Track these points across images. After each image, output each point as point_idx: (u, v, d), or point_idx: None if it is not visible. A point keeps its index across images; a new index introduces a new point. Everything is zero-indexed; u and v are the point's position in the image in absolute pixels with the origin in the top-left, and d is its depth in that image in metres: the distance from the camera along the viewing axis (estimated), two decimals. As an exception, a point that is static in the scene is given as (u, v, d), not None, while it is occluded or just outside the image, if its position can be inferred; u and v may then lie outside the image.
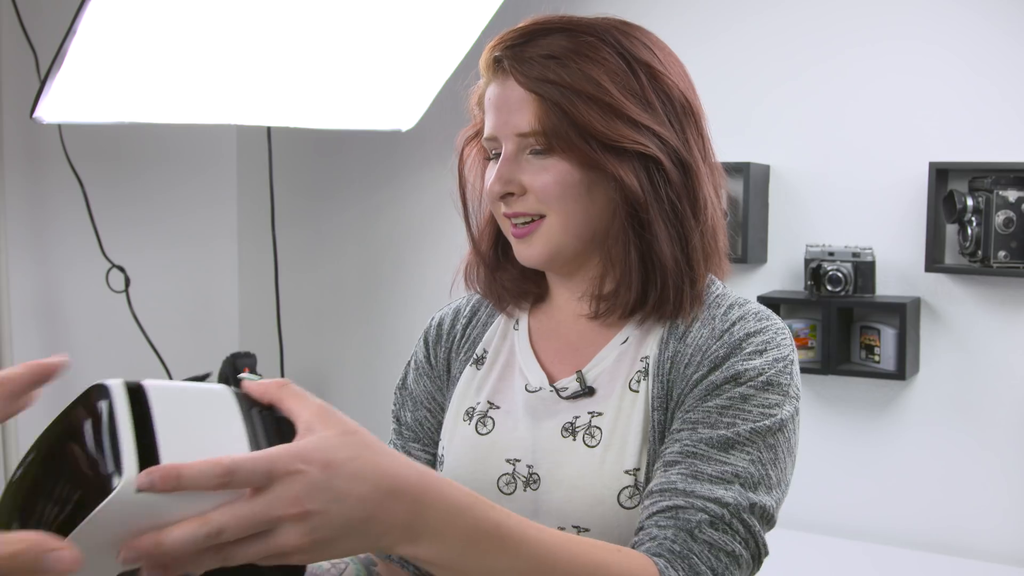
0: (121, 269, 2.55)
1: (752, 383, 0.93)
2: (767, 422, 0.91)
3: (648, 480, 0.95)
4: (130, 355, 2.68)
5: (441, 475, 0.70)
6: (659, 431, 0.96)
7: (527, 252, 1.02)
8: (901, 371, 2.22)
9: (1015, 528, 2.22)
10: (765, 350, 0.95)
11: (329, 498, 0.63)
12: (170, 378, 2.63)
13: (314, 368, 3.08)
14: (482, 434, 1.05)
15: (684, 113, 1.00)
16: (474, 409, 1.08)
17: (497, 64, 1.00)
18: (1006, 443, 2.23)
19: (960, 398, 2.28)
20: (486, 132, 1.02)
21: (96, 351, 2.67)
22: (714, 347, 0.96)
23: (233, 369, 2.56)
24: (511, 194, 1.00)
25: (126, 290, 2.56)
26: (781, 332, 0.98)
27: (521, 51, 0.98)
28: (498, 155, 1.01)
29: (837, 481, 2.39)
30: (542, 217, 1.00)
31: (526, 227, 1.00)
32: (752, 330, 0.97)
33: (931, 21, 2.27)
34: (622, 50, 0.98)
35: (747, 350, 0.95)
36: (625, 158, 0.96)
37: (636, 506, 0.95)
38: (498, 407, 1.07)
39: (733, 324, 0.98)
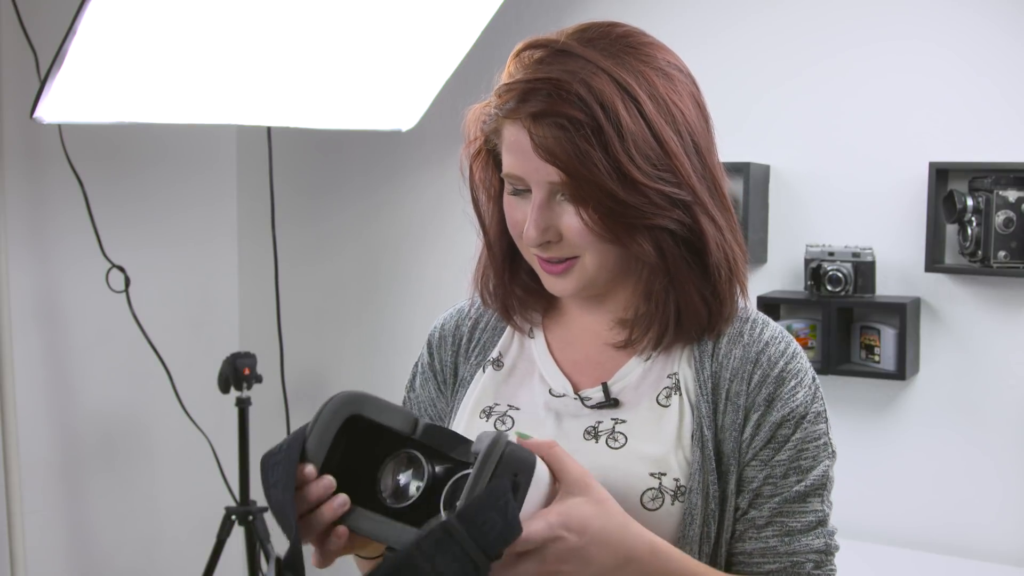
0: (121, 269, 2.55)
1: (805, 420, 1.03)
2: (826, 462, 1.05)
3: (679, 490, 1.00)
4: (130, 355, 2.68)
5: (664, 543, 0.91)
6: (714, 446, 1.02)
7: (560, 285, 1.04)
8: (901, 371, 2.22)
9: (1015, 528, 2.22)
10: (802, 379, 1.04)
11: (579, 561, 0.83)
12: (170, 378, 2.64)
13: (314, 368, 3.08)
14: (502, 431, 1.06)
15: (692, 153, 0.99)
16: (492, 408, 1.10)
17: (514, 113, 0.97)
18: (1006, 443, 2.23)
19: (960, 398, 2.27)
20: (509, 168, 1.01)
21: (96, 351, 2.67)
22: (756, 375, 1.03)
23: (233, 369, 2.56)
24: (548, 241, 1.00)
25: (126, 290, 2.56)
26: (803, 354, 1.07)
27: (539, 111, 0.95)
28: (521, 191, 1.01)
29: (836, 481, 2.38)
30: (577, 257, 1.01)
31: (560, 264, 1.02)
32: (788, 355, 1.04)
33: (931, 21, 2.26)
34: (633, 116, 0.96)
35: (790, 383, 1.03)
36: (641, 232, 0.98)
37: (658, 509, 0.99)
38: (517, 408, 1.09)
39: (767, 344, 1.04)
